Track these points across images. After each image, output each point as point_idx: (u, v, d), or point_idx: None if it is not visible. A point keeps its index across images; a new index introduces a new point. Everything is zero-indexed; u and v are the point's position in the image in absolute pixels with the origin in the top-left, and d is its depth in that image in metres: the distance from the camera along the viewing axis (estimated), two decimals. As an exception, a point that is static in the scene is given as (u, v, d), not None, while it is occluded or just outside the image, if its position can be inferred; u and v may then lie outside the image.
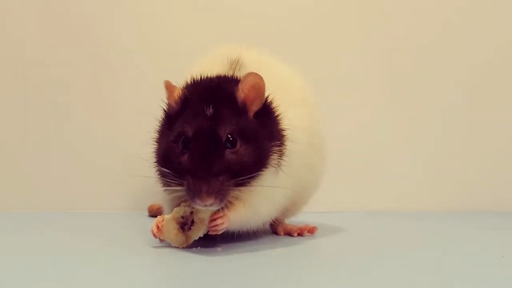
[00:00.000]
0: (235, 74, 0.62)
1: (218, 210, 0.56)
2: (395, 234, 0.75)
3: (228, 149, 0.55)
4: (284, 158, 0.59)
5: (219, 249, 0.58)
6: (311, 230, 0.69)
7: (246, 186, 0.56)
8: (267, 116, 0.59)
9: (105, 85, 0.98)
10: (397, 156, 1.03)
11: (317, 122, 0.68)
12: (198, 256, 0.54)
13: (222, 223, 0.57)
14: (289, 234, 0.69)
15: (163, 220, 0.58)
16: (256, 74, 0.57)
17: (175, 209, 0.58)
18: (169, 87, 0.60)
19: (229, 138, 0.55)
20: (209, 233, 0.57)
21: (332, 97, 0.95)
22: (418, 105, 1.04)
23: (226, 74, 0.62)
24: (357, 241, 0.68)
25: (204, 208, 0.55)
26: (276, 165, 0.58)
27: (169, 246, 0.58)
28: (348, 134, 1.01)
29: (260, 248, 0.59)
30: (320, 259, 0.58)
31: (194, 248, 0.58)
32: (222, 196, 0.53)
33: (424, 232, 0.78)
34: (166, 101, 0.60)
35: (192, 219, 0.57)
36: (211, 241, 0.60)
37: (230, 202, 0.56)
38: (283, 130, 0.60)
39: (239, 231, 0.61)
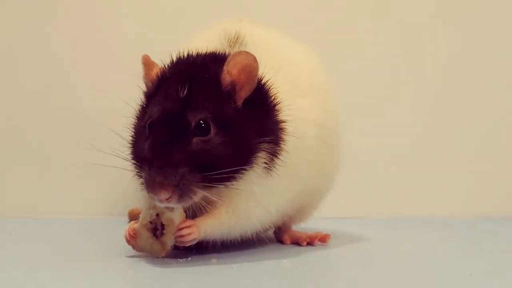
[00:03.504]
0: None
1: (187, 217, 0.54)
2: (419, 243, 0.73)
3: (197, 137, 0.52)
4: (280, 156, 0.55)
5: (214, 260, 0.55)
6: (323, 239, 0.67)
7: (220, 185, 0.52)
8: (261, 106, 0.55)
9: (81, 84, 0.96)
10: (423, 158, 1.02)
11: (331, 113, 0.64)
12: (189, 269, 0.52)
13: (189, 234, 0.53)
14: (297, 243, 0.67)
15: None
16: (247, 53, 0.53)
17: (141, 215, 0.55)
18: (147, 63, 0.58)
19: (201, 124, 0.52)
20: (176, 244, 0.55)
21: (350, 87, 0.94)
22: (448, 101, 1.03)
23: (220, 52, 0.59)
24: (377, 251, 0.66)
25: (162, 205, 0.52)
26: (267, 165, 0.55)
27: (147, 255, 0.56)
28: (366, 129, 0.99)
29: (263, 260, 0.57)
30: (333, 272, 0.56)
31: (184, 259, 0.55)
32: (181, 191, 0.50)
33: (453, 240, 0.77)
34: (143, 79, 0.58)
35: (161, 222, 0.54)
36: (204, 250, 0.58)
37: (206, 206, 0.53)
38: (282, 123, 0.56)
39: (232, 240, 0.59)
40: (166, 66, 0.57)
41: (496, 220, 0.97)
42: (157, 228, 0.55)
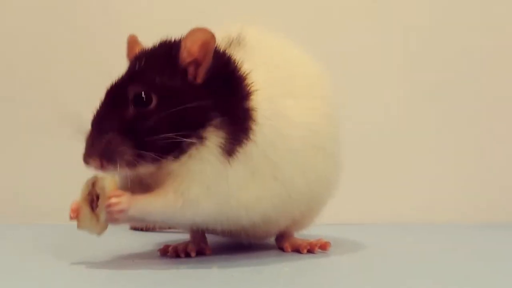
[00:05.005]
0: (234, 52, 0.59)
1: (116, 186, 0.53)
2: (423, 250, 0.72)
3: (136, 108, 0.53)
4: (245, 144, 0.54)
5: (215, 267, 0.55)
6: (324, 246, 0.66)
7: (155, 154, 0.52)
8: (228, 89, 0.55)
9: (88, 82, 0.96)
10: (425, 161, 1.02)
11: (329, 119, 0.63)
12: (189, 276, 0.51)
13: (118, 203, 0.51)
14: (297, 250, 0.66)
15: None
16: (205, 29, 0.54)
17: (82, 187, 0.54)
18: (131, 42, 0.60)
19: (140, 95, 0.53)
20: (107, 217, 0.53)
21: (349, 90, 0.93)
22: (451, 102, 1.04)
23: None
24: (378, 259, 0.66)
25: (100, 173, 0.52)
26: (224, 148, 0.54)
27: (148, 264, 0.56)
28: (367, 134, 1.00)
29: (264, 267, 0.57)
30: (333, 280, 0.55)
31: (182, 266, 0.55)
32: (110, 154, 0.51)
33: (456, 246, 0.76)
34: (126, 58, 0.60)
35: (96, 193, 0.53)
36: (204, 258, 0.58)
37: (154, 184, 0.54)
38: (251, 111, 0.55)
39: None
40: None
41: (498, 225, 0.97)
42: (93, 200, 0.53)
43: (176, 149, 0.53)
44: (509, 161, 1.04)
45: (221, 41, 0.61)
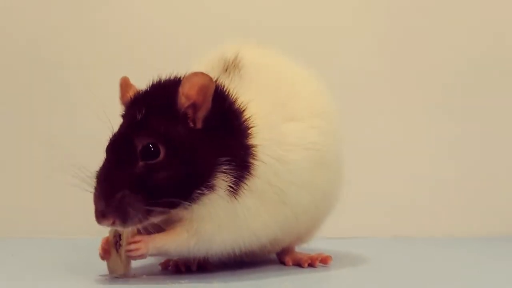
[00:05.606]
0: (230, 77, 0.60)
1: (140, 231, 0.55)
2: (426, 264, 0.72)
3: (145, 161, 0.53)
4: (247, 181, 0.55)
5: (215, 282, 0.55)
6: (325, 260, 0.66)
7: (168, 208, 0.53)
8: (226, 129, 0.56)
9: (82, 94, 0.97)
10: (425, 174, 1.02)
11: (331, 137, 0.63)
12: None
13: (137, 249, 0.54)
14: (298, 264, 0.66)
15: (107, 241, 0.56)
16: (203, 74, 0.54)
17: (109, 230, 0.56)
18: (124, 85, 0.59)
19: (148, 148, 0.53)
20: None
21: (350, 103, 0.92)
22: (453, 116, 1.03)
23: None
24: (379, 272, 0.65)
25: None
26: (232, 188, 0.54)
27: (149, 278, 0.57)
28: (368, 147, 0.99)
29: (266, 282, 0.57)
30: None
31: (183, 281, 0.55)
32: (123, 215, 0.51)
33: (457, 259, 0.76)
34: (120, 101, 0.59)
35: (119, 234, 0.55)
36: (205, 272, 0.58)
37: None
38: (252, 147, 0.56)
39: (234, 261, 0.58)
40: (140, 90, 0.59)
41: (500, 239, 0.96)
42: (117, 241, 0.55)
43: (186, 200, 0.54)
44: (510, 174, 1.04)
45: (217, 64, 0.62)
